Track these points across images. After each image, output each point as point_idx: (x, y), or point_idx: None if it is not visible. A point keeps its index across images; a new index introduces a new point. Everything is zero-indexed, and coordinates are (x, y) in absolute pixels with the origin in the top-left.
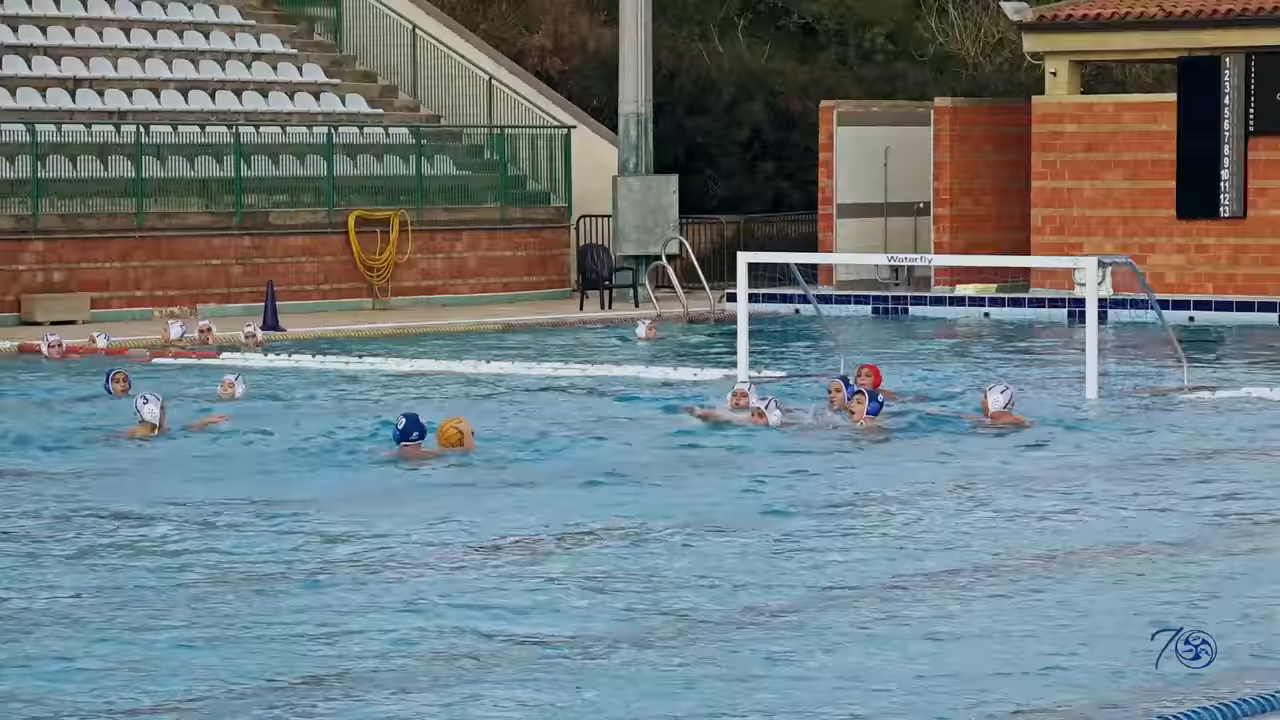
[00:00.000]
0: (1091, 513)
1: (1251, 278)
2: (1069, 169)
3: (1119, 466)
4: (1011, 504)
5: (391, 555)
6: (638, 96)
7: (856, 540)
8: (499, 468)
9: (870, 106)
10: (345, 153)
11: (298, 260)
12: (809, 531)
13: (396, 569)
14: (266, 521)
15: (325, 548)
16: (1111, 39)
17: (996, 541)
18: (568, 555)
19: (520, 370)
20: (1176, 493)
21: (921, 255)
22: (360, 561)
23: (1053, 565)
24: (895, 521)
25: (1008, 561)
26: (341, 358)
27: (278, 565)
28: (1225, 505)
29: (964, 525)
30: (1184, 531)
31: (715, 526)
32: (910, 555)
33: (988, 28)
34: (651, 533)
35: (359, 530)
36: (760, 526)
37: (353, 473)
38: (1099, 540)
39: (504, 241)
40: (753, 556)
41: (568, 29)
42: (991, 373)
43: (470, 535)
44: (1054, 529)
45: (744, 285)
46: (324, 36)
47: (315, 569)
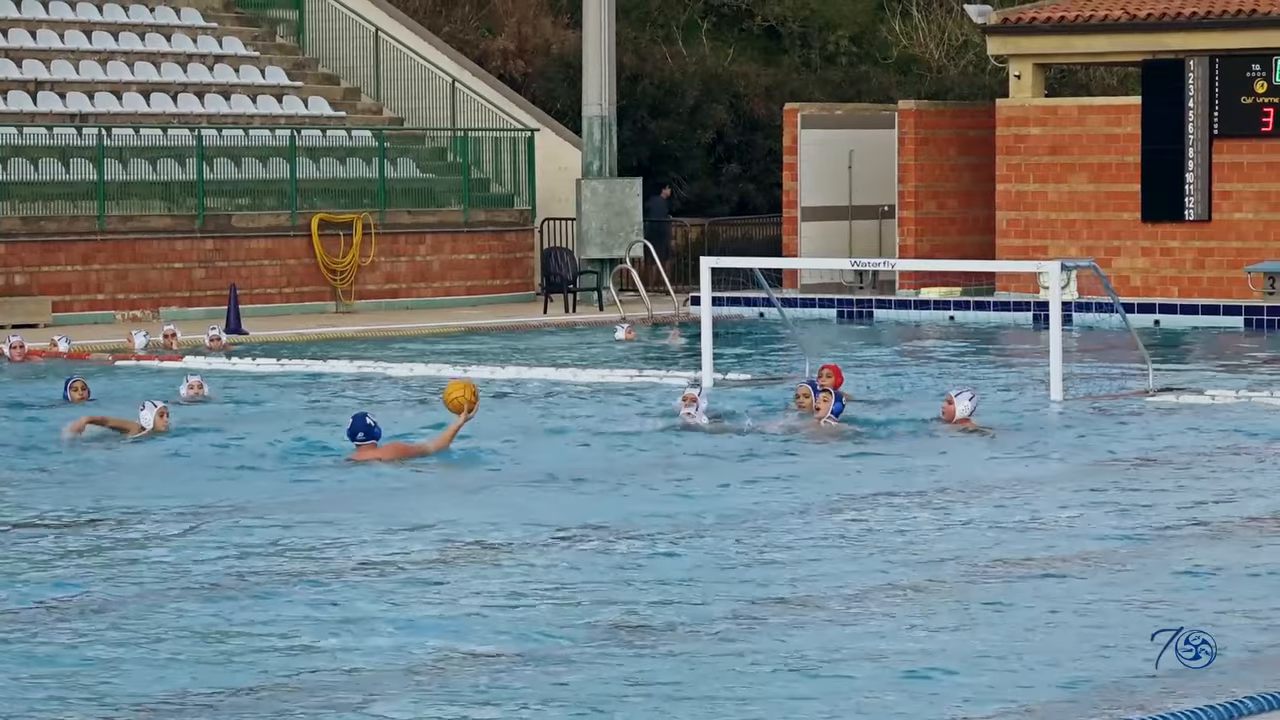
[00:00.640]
0: (1054, 518)
1: (1216, 281)
2: (1033, 172)
3: (1082, 470)
4: (973, 510)
5: (348, 562)
6: (601, 99)
7: (817, 548)
8: (461, 471)
9: (834, 109)
10: (308, 155)
11: (260, 263)
12: (767, 539)
13: (352, 576)
14: (222, 528)
15: (280, 555)
16: (1075, 42)
17: (957, 548)
18: (524, 563)
19: (486, 373)
20: (1140, 497)
21: (885, 260)
22: (314, 569)
23: (1015, 571)
24: (856, 529)
25: (969, 569)
26: (306, 361)
27: (235, 573)
28: (1190, 510)
29: (925, 532)
30: (1147, 536)
31: (679, 532)
32: (873, 563)
33: (952, 30)
34: (615, 539)
35: (313, 537)
36: (722, 533)
37: (309, 478)
38: (1061, 546)
39: (467, 244)
40: (715, 564)
41: (531, 31)
42: (957, 378)
43: (428, 543)
44: (1016, 535)
45: (707, 290)
46: (286, 39)
47: (272, 577)
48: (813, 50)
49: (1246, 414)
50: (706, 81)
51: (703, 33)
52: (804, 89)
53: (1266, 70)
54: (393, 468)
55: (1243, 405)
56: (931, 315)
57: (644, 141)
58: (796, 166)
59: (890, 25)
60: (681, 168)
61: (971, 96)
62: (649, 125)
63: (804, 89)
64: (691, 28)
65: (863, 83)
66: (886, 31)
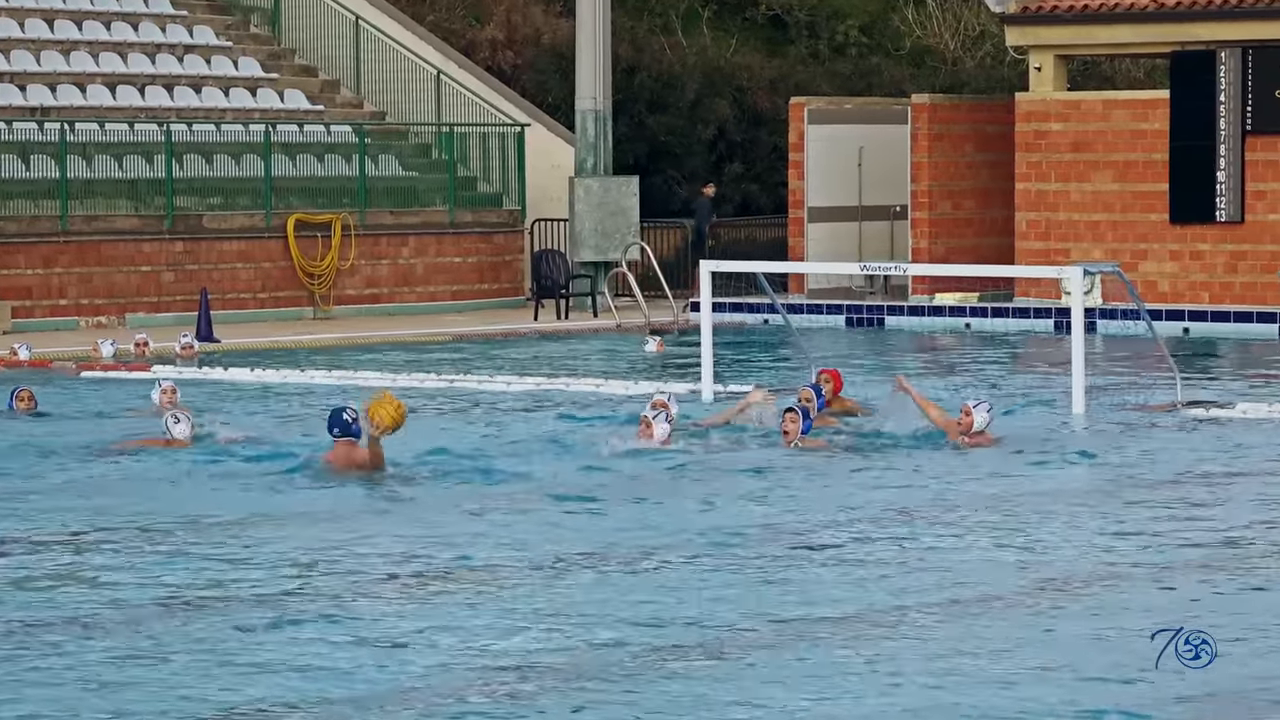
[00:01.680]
0: (1074, 538)
1: (1250, 287)
2: (1055, 170)
3: (1105, 488)
4: (988, 528)
5: (310, 580)
6: (596, 92)
7: (822, 569)
8: (442, 486)
9: (843, 104)
10: (284, 152)
11: (233, 267)
12: (768, 559)
13: (318, 596)
14: (190, 543)
15: (244, 572)
16: (1099, 32)
17: (971, 569)
18: (506, 584)
19: (471, 384)
20: (1165, 517)
21: (897, 264)
22: (280, 589)
23: (1032, 595)
24: (862, 549)
25: (983, 591)
26: (281, 371)
27: (200, 590)
28: (1219, 532)
29: (937, 552)
30: (1172, 559)
31: (670, 552)
32: (880, 584)
33: (968, 20)
34: (599, 559)
35: (278, 555)
36: (718, 553)
37: (278, 492)
38: (1080, 568)
39: (453, 247)
40: (713, 584)
41: (521, 20)
42: (974, 389)
43: (402, 561)
44: (1034, 555)
45: (707, 295)
46: (261, 28)
47: (235, 595)
48: (820, 41)
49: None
50: (707, 74)
51: (703, 22)
52: (811, 82)
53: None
54: (362, 485)
55: (1277, 420)
56: (946, 322)
57: (641, 137)
58: (803, 164)
59: (903, 14)
60: (681, 165)
61: (989, 90)
62: (646, 120)
63: (811, 82)
64: (692, 17)
65: (873, 75)
66: (899, 21)
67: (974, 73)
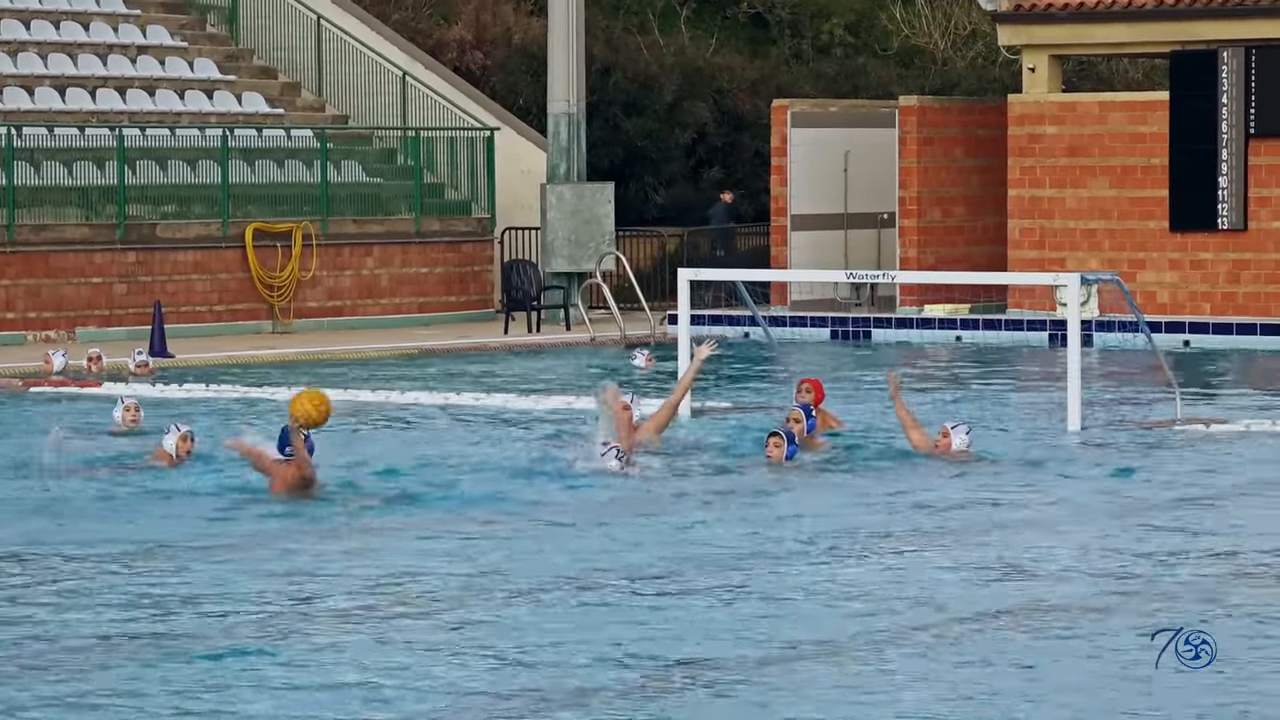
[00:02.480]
0: (1068, 561)
1: (1253, 297)
2: (1049, 176)
3: (1101, 508)
4: (977, 550)
5: (254, 613)
6: (569, 94)
7: (804, 594)
8: (400, 508)
9: (828, 106)
10: (242, 158)
11: (188, 278)
12: (748, 584)
13: (260, 628)
14: (130, 571)
15: (186, 603)
16: (1096, 30)
17: (957, 592)
18: (449, 612)
19: (440, 400)
20: (1165, 538)
21: (885, 272)
22: (219, 620)
23: (1021, 620)
24: (845, 572)
25: (975, 615)
26: (241, 388)
27: (139, 622)
28: (1222, 553)
29: (920, 574)
30: (1173, 582)
31: (639, 578)
32: (861, 608)
33: (958, 18)
34: (566, 586)
35: (225, 585)
36: (691, 578)
37: (223, 515)
38: (1077, 592)
39: (419, 257)
40: (687, 612)
41: (490, 19)
42: (963, 405)
43: (370, 591)
44: (1026, 578)
45: (685, 306)
46: (218, 28)
47: (180, 628)
48: (804, 40)
49: None
50: (686, 75)
51: (682, 21)
52: (794, 83)
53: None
54: (315, 508)
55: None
56: (936, 335)
57: (616, 141)
58: (786, 169)
59: (890, 12)
60: (658, 171)
61: (980, 92)
62: (622, 124)
63: (794, 83)
64: (669, 15)
65: (860, 76)
66: (886, 19)
67: (965, 73)
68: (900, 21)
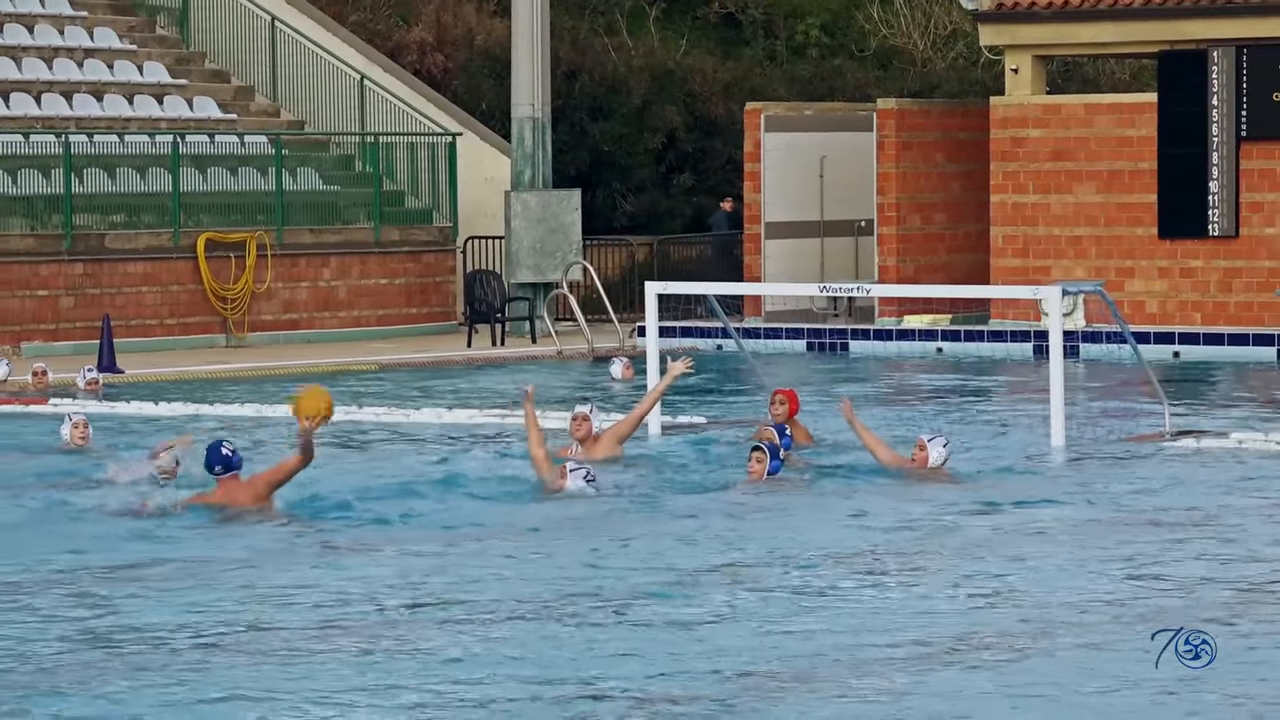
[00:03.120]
0: (1050, 581)
1: (1245, 306)
2: (1033, 181)
3: (1086, 528)
4: (954, 572)
5: (199, 634)
6: (534, 99)
7: (781, 616)
8: (347, 527)
9: (803, 109)
10: (193, 165)
11: (138, 290)
12: (707, 608)
13: (208, 651)
14: (66, 592)
15: (121, 623)
16: (1081, 30)
17: (932, 617)
18: (398, 635)
19: (400, 418)
20: (1153, 559)
21: (860, 285)
22: (158, 642)
23: (1004, 642)
24: (816, 595)
25: (951, 639)
26: (193, 405)
27: (73, 644)
28: (1212, 574)
29: (894, 598)
30: (1161, 605)
31: (608, 601)
32: (836, 631)
33: (938, 18)
34: (530, 606)
35: (163, 605)
36: (653, 602)
37: (164, 534)
38: (1057, 615)
39: (378, 268)
40: (651, 639)
41: (452, 21)
42: (940, 419)
43: (303, 611)
44: (1004, 601)
45: (653, 319)
46: (168, 30)
47: (112, 649)
48: (778, 41)
49: (1279, 462)
50: (655, 78)
51: (651, 21)
52: (768, 86)
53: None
54: (262, 526)
55: (1275, 451)
56: (916, 347)
57: (583, 147)
58: (759, 176)
59: (868, 12)
60: (626, 177)
61: (962, 94)
62: (589, 128)
63: (768, 86)
64: (638, 16)
65: (836, 78)
66: (863, 19)
67: (945, 75)
68: (878, 21)
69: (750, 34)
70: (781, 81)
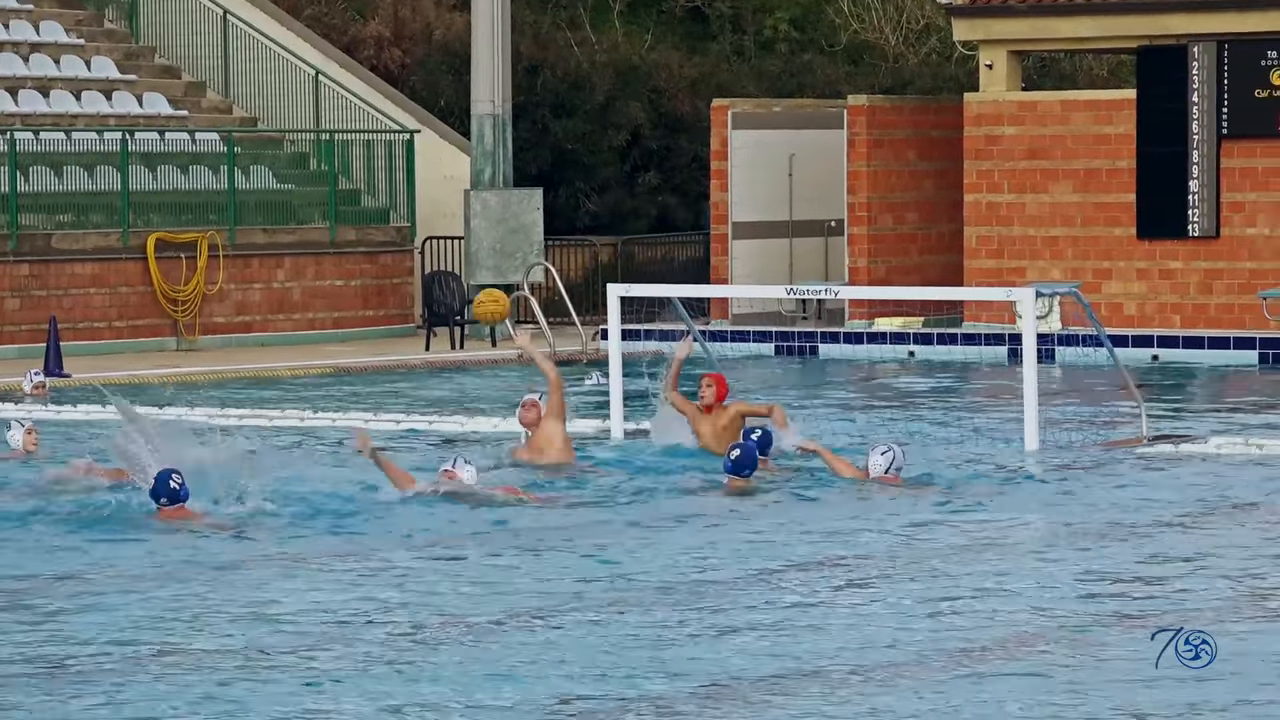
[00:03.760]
0: (1022, 591)
1: (1225, 308)
2: (1008, 180)
3: (1059, 534)
4: (918, 583)
5: (136, 650)
6: (494, 95)
7: (748, 626)
8: (312, 536)
9: (772, 106)
10: (143, 163)
11: (86, 292)
12: (687, 615)
13: (143, 665)
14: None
15: (60, 637)
16: (1058, 25)
17: (894, 630)
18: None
19: (359, 421)
20: (1128, 567)
21: (828, 287)
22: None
23: (963, 660)
24: (770, 609)
25: (919, 652)
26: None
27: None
28: (1188, 581)
29: (853, 610)
30: (1135, 614)
31: (551, 612)
32: (792, 644)
33: (911, 12)
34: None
35: (104, 617)
36: (632, 608)
37: (112, 545)
38: (1029, 625)
39: (334, 269)
40: (601, 648)
41: (409, 15)
42: (907, 427)
43: (250, 628)
44: (970, 613)
45: (615, 321)
46: (117, 24)
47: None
48: (746, 36)
49: (1259, 467)
50: (620, 73)
51: (615, 16)
52: (735, 82)
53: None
54: (211, 535)
55: (1255, 457)
56: (888, 350)
57: (545, 145)
58: (727, 174)
59: (838, 6)
60: (590, 176)
61: (935, 90)
62: (551, 126)
63: (735, 82)
64: (601, 10)
65: (805, 74)
66: (834, 13)
67: (918, 71)
68: (849, 16)
69: (717, 28)
70: (749, 77)
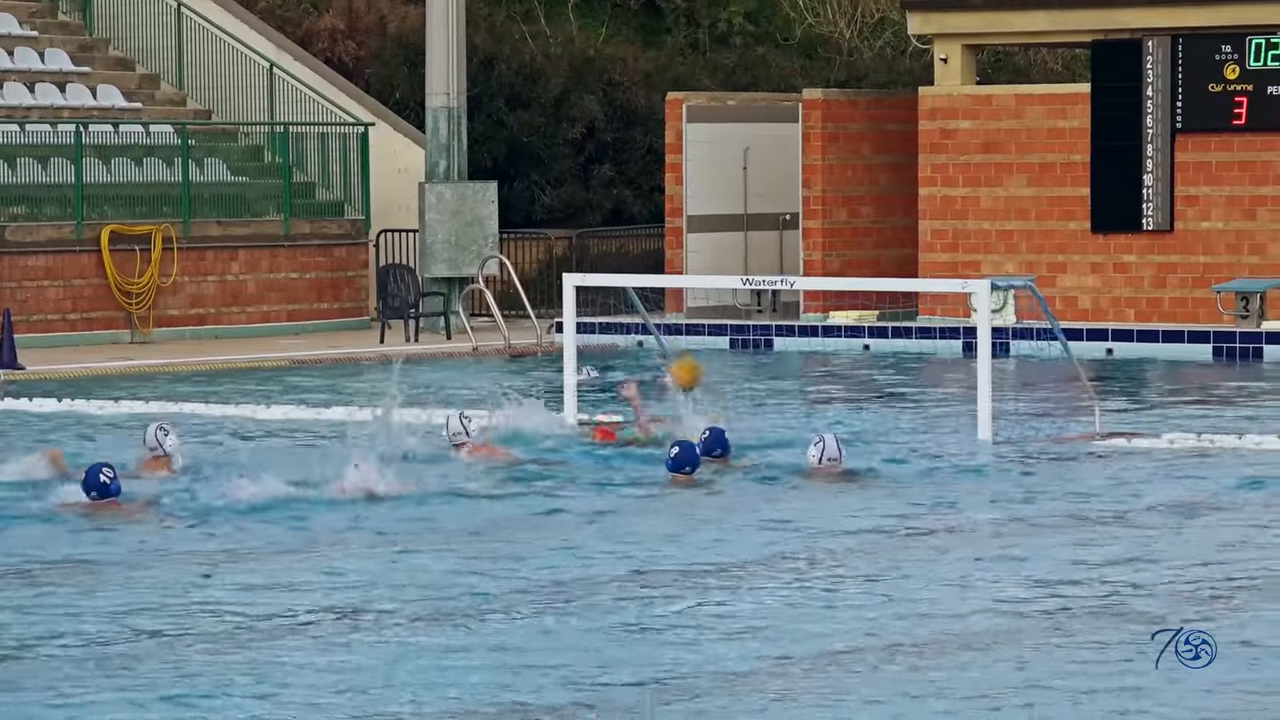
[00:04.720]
0: (972, 584)
1: (1180, 302)
2: (963, 174)
3: (1011, 528)
4: (860, 575)
5: (84, 643)
6: (449, 87)
7: (698, 622)
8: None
9: (726, 100)
10: (97, 155)
11: (40, 285)
12: (639, 612)
13: (92, 657)
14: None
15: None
16: (1012, 19)
17: (837, 624)
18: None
19: (309, 415)
20: (1076, 560)
21: (784, 278)
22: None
23: (923, 650)
24: (738, 600)
25: (860, 646)
26: (97, 403)
27: None
28: (1139, 576)
29: (794, 604)
30: (1086, 609)
31: (504, 607)
32: (721, 644)
33: (866, 5)
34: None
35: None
36: (584, 605)
37: (45, 537)
38: (977, 620)
39: (288, 261)
40: (551, 644)
41: (364, 7)
42: (861, 419)
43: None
44: (914, 607)
45: (571, 313)
46: (70, 16)
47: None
48: (700, 30)
49: (1211, 462)
50: (574, 66)
51: (569, 8)
52: (690, 75)
53: (1239, 52)
54: (152, 528)
55: (1207, 452)
56: (842, 343)
57: (500, 138)
58: (681, 167)
59: (793, 0)
60: (545, 169)
61: (889, 84)
62: (506, 118)
63: (690, 75)
64: (556, 3)
65: (760, 68)
66: (788, 7)
67: (873, 64)
68: (803, 9)
69: (672, 22)
70: (704, 71)
